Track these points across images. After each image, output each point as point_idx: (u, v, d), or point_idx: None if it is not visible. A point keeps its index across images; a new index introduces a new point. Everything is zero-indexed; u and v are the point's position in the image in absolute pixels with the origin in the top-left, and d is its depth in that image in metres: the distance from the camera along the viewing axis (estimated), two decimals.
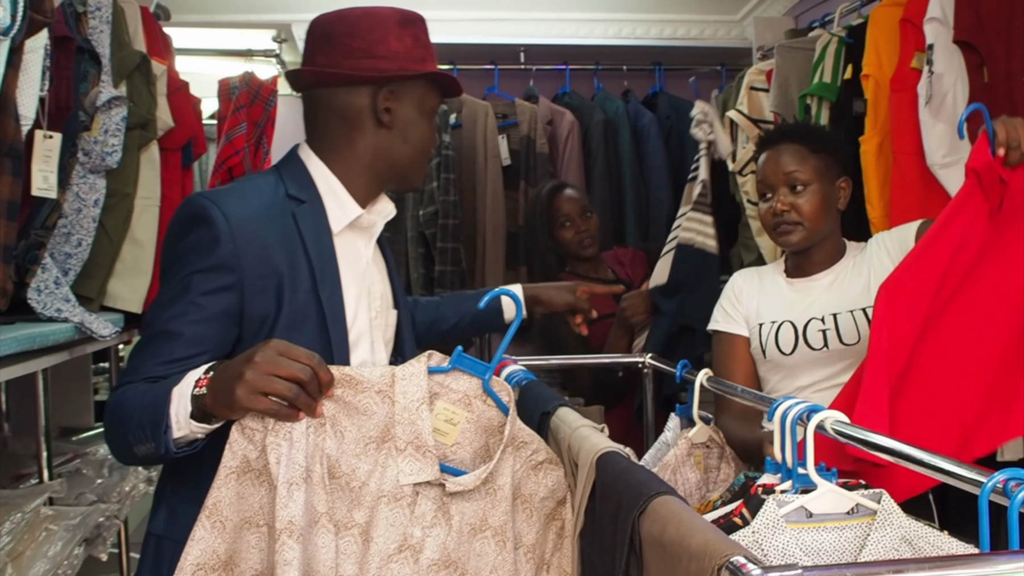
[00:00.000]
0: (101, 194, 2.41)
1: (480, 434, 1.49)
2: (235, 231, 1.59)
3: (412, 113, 1.76)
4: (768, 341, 2.24)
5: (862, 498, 1.49)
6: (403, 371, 1.43)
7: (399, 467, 1.41)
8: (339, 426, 1.40)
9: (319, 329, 1.65)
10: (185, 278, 1.58)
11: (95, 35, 2.37)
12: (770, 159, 2.25)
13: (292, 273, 1.63)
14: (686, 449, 2.04)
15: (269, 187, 1.72)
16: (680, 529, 0.95)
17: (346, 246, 1.75)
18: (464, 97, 4.19)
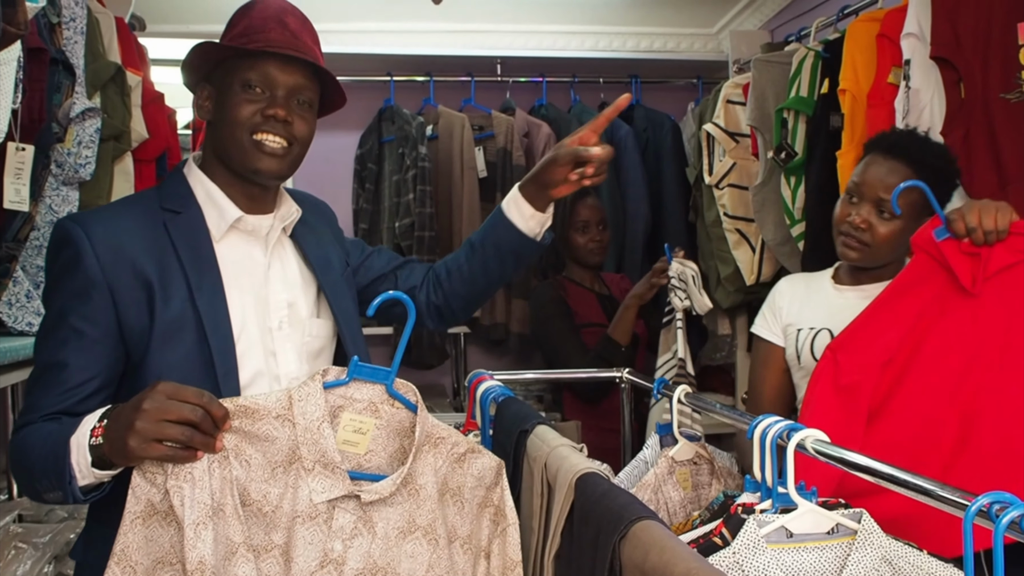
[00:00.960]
0: (74, 206, 2.38)
1: (393, 437, 1.49)
2: (96, 246, 1.57)
3: (224, 96, 1.68)
4: (804, 348, 2.21)
5: (842, 518, 1.48)
6: (299, 392, 1.42)
7: (310, 486, 1.41)
8: (243, 455, 1.39)
9: (198, 339, 1.60)
10: (60, 306, 1.57)
11: (69, 46, 2.34)
12: (876, 167, 2.13)
13: (164, 283, 1.60)
14: (667, 467, 2.02)
15: (142, 202, 1.70)
16: (663, 557, 0.94)
17: (234, 253, 1.70)
18: (441, 109, 4.19)
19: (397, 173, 4.06)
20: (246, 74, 1.66)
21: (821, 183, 2.91)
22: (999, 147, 2.29)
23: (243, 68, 1.66)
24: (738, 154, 3.57)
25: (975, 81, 2.34)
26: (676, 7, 4.21)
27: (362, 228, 4.21)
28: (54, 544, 2.02)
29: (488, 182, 4.13)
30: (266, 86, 1.67)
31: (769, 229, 3.29)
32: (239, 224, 1.71)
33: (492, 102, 4.32)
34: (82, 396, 1.53)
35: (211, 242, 1.67)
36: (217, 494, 1.35)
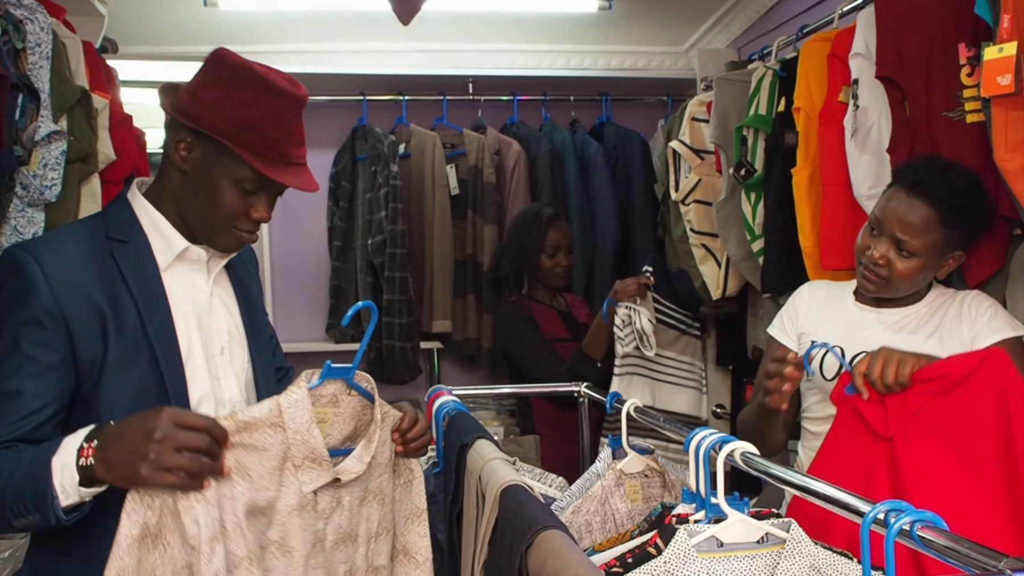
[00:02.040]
0: (40, 227, 2.42)
1: (348, 421, 1.65)
2: (50, 276, 1.59)
3: (209, 169, 1.70)
4: (815, 361, 2.20)
5: (772, 527, 1.52)
6: (287, 399, 1.54)
7: (299, 480, 1.54)
8: (244, 469, 1.48)
9: (151, 365, 1.65)
10: (12, 331, 1.58)
11: (34, 71, 2.38)
12: (897, 203, 2.11)
13: (116, 312, 1.64)
14: (614, 479, 2.06)
15: (88, 231, 1.72)
16: (557, 564, 0.99)
17: (179, 282, 1.75)
18: (413, 127, 4.25)
19: (370, 191, 4.11)
20: (242, 175, 1.69)
21: (779, 200, 2.97)
22: None
23: (246, 172, 1.69)
24: (703, 171, 3.63)
25: (919, 100, 2.40)
26: (646, 25, 4.27)
27: (336, 245, 4.26)
28: (14, 560, 2.05)
29: (460, 199, 4.19)
30: (257, 187, 1.72)
31: (733, 244, 3.35)
32: (185, 254, 1.75)
33: (464, 120, 4.38)
34: (37, 423, 1.55)
35: (158, 271, 1.72)
36: (221, 512, 1.44)
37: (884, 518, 1.11)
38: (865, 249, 2.15)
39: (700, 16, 4.24)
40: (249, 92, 1.67)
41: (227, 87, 1.67)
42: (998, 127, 2.00)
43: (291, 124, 1.71)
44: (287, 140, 1.70)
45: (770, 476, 1.45)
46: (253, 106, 1.66)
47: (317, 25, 3.99)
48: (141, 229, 1.73)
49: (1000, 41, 1.97)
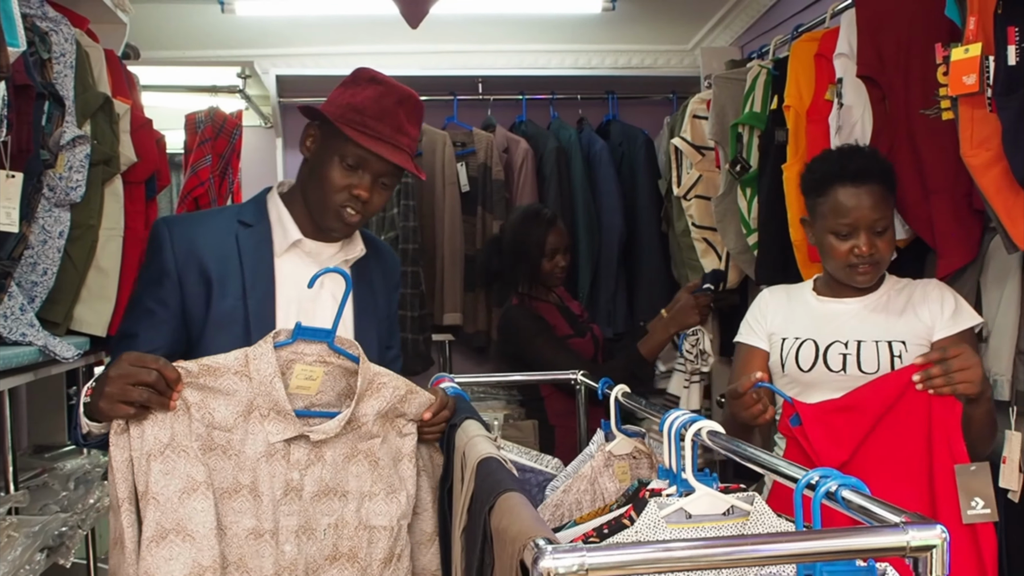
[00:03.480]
0: (66, 226, 2.56)
1: (340, 379, 1.79)
2: (174, 240, 1.91)
3: (323, 152, 1.96)
4: (788, 356, 2.30)
5: (737, 500, 1.64)
6: (254, 351, 1.70)
7: (266, 429, 1.69)
8: (206, 408, 1.66)
9: (243, 332, 1.88)
10: (140, 289, 1.95)
11: (59, 79, 2.53)
12: (853, 199, 2.21)
13: (222, 280, 1.90)
14: (603, 460, 2.17)
15: (225, 215, 2.02)
16: (509, 519, 1.12)
17: (291, 268, 1.97)
18: (424, 127, 4.36)
19: None
20: (347, 150, 1.93)
21: (771, 195, 3.07)
22: (921, 160, 2.45)
23: (347, 144, 1.93)
24: (704, 167, 3.73)
25: (898, 98, 2.50)
26: (652, 25, 4.36)
27: None
28: (44, 534, 2.21)
29: (469, 196, 4.32)
30: (359, 166, 1.94)
31: (731, 238, 3.45)
32: (299, 245, 1.99)
33: (473, 119, 4.51)
34: None
35: (272, 255, 1.97)
36: (180, 437, 1.63)
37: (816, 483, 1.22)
38: (848, 252, 2.23)
39: (704, 15, 4.33)
40: (359, 85, 1.97)
41: (346, 85, 1.99)
42: (964, 124, 2.10)
43: (389, 108, 1.95)
44: (384, 120, 1.93)
45: (731, 452, 1.57)
46: (358, 94, 1.95)
47: (330, 29, 4.12)
48: (267, 218, 2.00)
49: (967, 42, 2.07)
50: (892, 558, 1.27)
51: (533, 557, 0.92)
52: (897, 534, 0.99)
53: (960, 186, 2.33)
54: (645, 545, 0.96)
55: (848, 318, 2.29)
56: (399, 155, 1.96)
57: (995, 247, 2.38)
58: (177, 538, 1.60)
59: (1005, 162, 2.02)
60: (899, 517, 1.03)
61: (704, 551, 0.94)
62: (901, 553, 0.98)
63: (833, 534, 1.00)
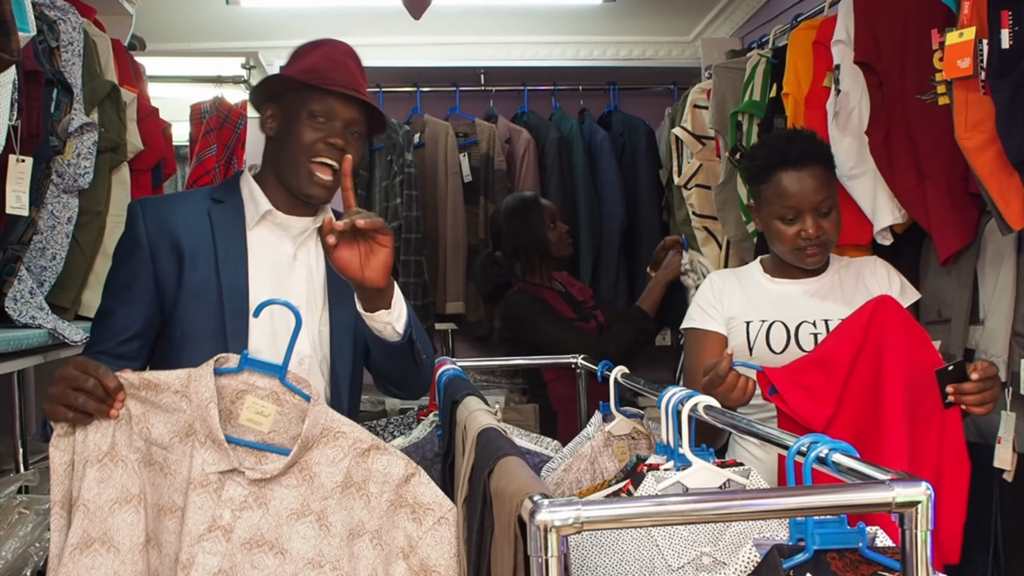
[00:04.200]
0: (74, 212, 2.60)
1: (295, 422, 1.63)
2: (147, 215, 1.95)
3: (289, 121, 1.97)
4: (757, 339, 2.30)
5: (733, 475, 1.67)
6: (196, 373, 1.61)
7: (203, 457, 1.59)
8: (147, 423, 1.61)
9: (217, 303, 1.91)
10: (115, 266, 1.99)
11: (67, 67, 2.56)
12: (796, 183, 2.24)
13: (193, 252, 1.93)
14: (603, 440, 2.20)
15: (199, 194, 2.07)
16: (507, 479, 1.15)
17: (264, 241, 1.99)
18: (427, 118, 4.41)
19: (386, 179, 4.28)
20: (313, 106, 1.94)
21: None
22: (917, 145, 2.47)
23: (311, 100, 1.95)
24: (704, 156, 3.75)
25: (894, 84, 2.52)
26: (653, 16, 4.39)
27: None
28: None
29: (472, 186, 4.35)
30: (328, 117, 1.96)
31: (731, 226, 3.47)
32: (270, 216, 2.00)
33: (476, 110, 4.54)
34: (122, 339, 1.91)
35: (244, 228, 1.99)
36: (120, 447, 1.59)
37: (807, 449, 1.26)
38: (795, 236, 2.25)
39: (705, 6, 4.37)
40: (303, 56, 2.01)
41: (290, 61, 2.04)
42: (959, 108, 2.13)
43: (339, 60, 1.98)
44: (338, 72, 1.96)
45: (727, 425, 1.60)
46: (306, 60, 1.99)
47: (334, 20, 4.15)
48: (239, 195, 2.03)
49: (961, 26, 2.10)
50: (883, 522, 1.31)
51: (530, 511, 0.95)
52: (883, 490, 1.02)
53: (956, 170, 2.36)
54: (639, 499, 1.00)
55: (807, 298, 2.32)
56: (364, 98, 1.99)
57: (991, 230, 2.40)
58: (102, 548, 1.55)
59: (999, 144, 2.05)
60: (886, 476, 1.06)
61: (696, 505, 0.98)
62: (887, 509, 1.01)
63: (820, 490, 1.04)
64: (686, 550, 1.55)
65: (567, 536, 0.93)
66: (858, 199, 2.66)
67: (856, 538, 1.23)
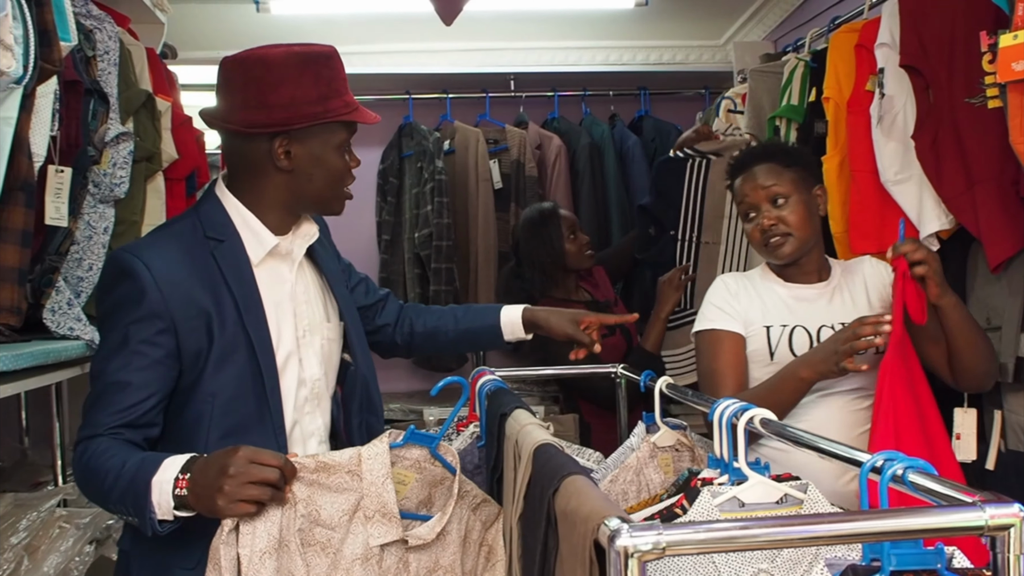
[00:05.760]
0: (110, 222, 2.58)
1: (425, 487, 1.74)
2: (159, 281, 1.74)
3: (315, 153, 1.85)
4: (779, 343, 2.27)
5: (790, 489, 1.63)
6: (368, 451, 1.65)
7: (368, 532, 1.64)
8: (315, 504, 1.62)
9: (248, 357, 1.80)
10: (122, 330, 1.73)
11: (104, 76, 2.55)
12: (747, 180, 2.33)
13: (219, 309, 1.79)
14: (648, 452, 2.16)
15: (187, 230, 1.86)
16: (579, 500, 1.11)
17: (268, 274, 1.89)
18: (457, 124, 4.39)
19: (416, 186, 4.26)
20: (344, 136, 1.87)
21: None
22: (965, 149, 2.42)
23: (341, 132, 1.86)
24: None
25: (942, 87, 2.47)
26: (684, 20, 4.36)
27: (384, 239, 4.41)
28: (94, 526, 2.23)
29: (503, 193, 4.32)
30: (350, 141, 1.92)
31: None
32: (274, 250, 1.90)
33: (506, 116, 4.51)
34: (143, 411, 1.72)
35: (251, 268, 1.86)
36: (284, 532, 1.59)
37: (881, 466, 1.21)
38: (757, 231, 2.30)
39: (736, 10, 4.33)
40: (306, 73, 1.80)
41: (287, 82, 1.79)
42: (1014, 112, 2.07)
43: (342, 73, 1.88)
44: (344, 88, 1.86)
45: (785, 438, 1.56)
46: (320, 81, 1.81)
47: (364, 27, 4.15)
48: (234, 228, 1.87)
49: (1015, 28, 2.05)
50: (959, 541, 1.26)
51: (609, 536, 0.91)
52: (974, 512, 0.98)
53: (1007, 175, 2.31)
54: (723, 523, 0.96)
55: (824, 303, 2.31)
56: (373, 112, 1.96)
57: None
58: None
59: None
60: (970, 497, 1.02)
61: (782, 529, 0.94)
62: (979, 532, 0.97)
63: (909, 513, 0.99)
64: (744, 567, 1.51)
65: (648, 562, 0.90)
66: (903, 204, 2.61)
67: (934, 559, 1.18)
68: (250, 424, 1.79)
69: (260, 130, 1.81)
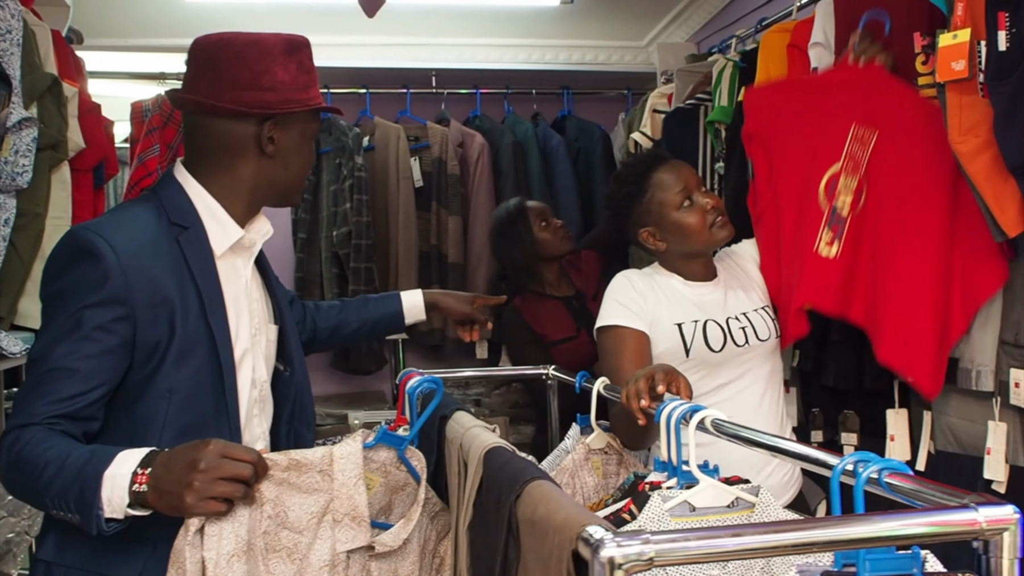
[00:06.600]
0: (11, 214, 2.42)
1: (387, 494, 1.67)
2: (124, 264, 1.60)
3: (294, 141, 1.80)
4: (695, 338, 2.25)
5: (742, 492, 1.59)
6: (340, 451, 1.57)
7: (335, 536, 1.55)
8: (282, 506, 1.52)
9: (209, 353, 1.68)
10: (75, 313, 1.59)
11: (5, 57, 2.38)
12: (672, 172, 2.32)
13: (183, 300, 1.66)
14: (584, 454, 2.11)
15: (151, 215, 1.72)
16: (548, 507, 1.04)
17: (227, 267, 1.78)
18: (377, 120, 4.28)
19: (334, 183, 4.14)
20: (315, 127, 1.85)
21: (738, 187, 3.04)
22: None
23: (314, 122, 1.84)
24: None
25: None
26: (607, 20, 4.34)
27: (300, 237, 4.28)
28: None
29: (423, 191, 4.22)
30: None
31: None
32: (237, 243, 1.79)
33: (427, 113, 4.42)
34: (87, 403, 1.57)
35: (214, 259, 1.75)
36: (252, 535, 1.48)
37: (853, 468, 1.16)
38: (698, 214, 2.29)
39: (660, 11, 4.33)
40: (292, 59, 1.76)
41: (278, 66, 1.75)
42: (952, 111, 2.07)
43: (308, 63, 1.82)
44: (315, 78, 1.83)
45: (740, 439, 1.51)
46: (302, 69, 1.78)
47: (281, 18, 4.01)
48: (198, 215, 1.75)
49: (954, 28, 2.05)
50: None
51: (593, 546, 0.84)
52: (967, 514, 0.93)
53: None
54: (715, 530, 0.89)
55: (721, 296, 2.35)
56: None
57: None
58: None
59: (995, 148, 2.00)
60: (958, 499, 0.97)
61: (775, 536, 0.88)
62: (974, 535, 0.92)
63: (903, 517, 0.94)
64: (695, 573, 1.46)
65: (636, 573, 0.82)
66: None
67: (910, 563, 1.13)
68: (206, 423, 1.66)
69: (253, 110, 1.73)
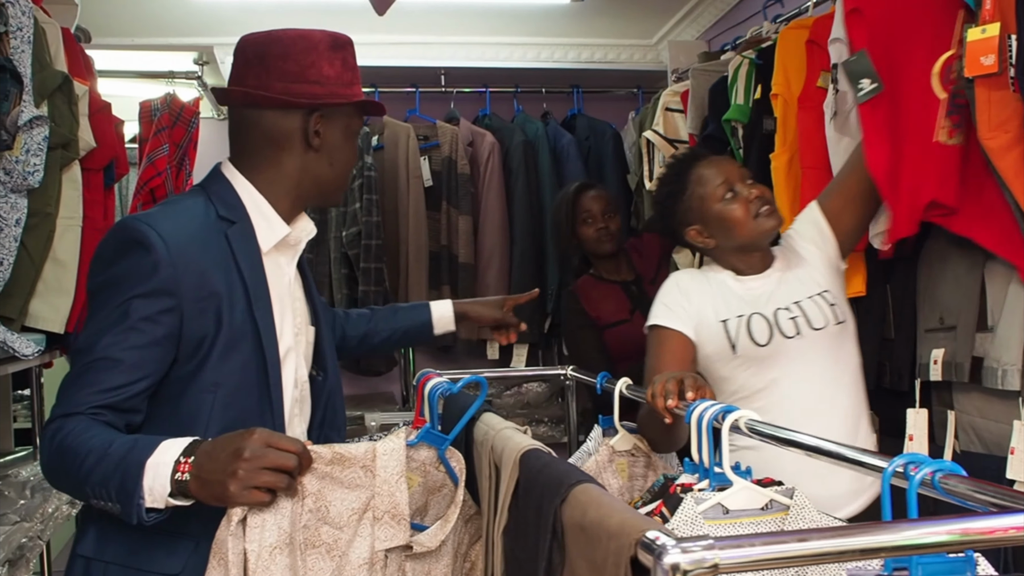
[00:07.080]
0: (23, 213, 2.39)
1: (424, 494, 1.64)
2: (174, 256, 1.60)
3: (339, 136, 1.79)
4: (739, 335, 2.20)
5: (776, 494, 1.55)
6: (383, 447, 1.54)
7: (375, 534, 1.52)
8: (323, 500, 1.49)
9: (254, 348, 1.67)
10: (123, 304, 1.57)
11: (16, 55, 2.35)
12: (713, 166, 2.28)
13: (229, 294, 1.65)
14: (607, 455, 2.07)
15: (200, 208, 1.72)
16: (600, 512, 1.00)
17: (272, 264, 1.77)
18: (386, 119, 4.25)
19: None
20: (358, 124, 1.87)
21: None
22: None
23: (357, 120, 1.85)
24: None
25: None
26: (616, 19, 4.31)
27: None
28: (7, 546, 2.03)
29: (433, 190, 4.20)
30: None
31: None
32: (282, 240, 1.78)
33: (437, 112, 4.41)
34: (130, 394, 1.56)
35: (260, 255, 1.74)
36: (291, 527, 1.45)
37: (904, 470, 1.13)
38: (746, 204, 2.23)
39: (670, 9, 4.29)
40: (337, 56, 1.77)
41: (324, 61, 1.75)
42: (981, 107, 2.04)
43: (352, 62, 1.83)
44: (357, 78, 1.83)
45: (776, 440, 1.47)
46: (347, 66, 1.79)
47: (288, 17, 3.97)
48: (243, 209, 1.75)
49: (983, 22, 2.02)
50: None
51: (656, 552, 0.80)
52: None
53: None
54: (781, 535, 0.86)
55: (775, 287, 2.27)
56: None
57: None
58: None
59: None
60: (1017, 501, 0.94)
61: (842, 540, 0.84)
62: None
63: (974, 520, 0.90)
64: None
65: None
66: None
67: (964, 567, 1.10)
68: (251, 420, 1.62)
69: (302, 101, 1.74)
